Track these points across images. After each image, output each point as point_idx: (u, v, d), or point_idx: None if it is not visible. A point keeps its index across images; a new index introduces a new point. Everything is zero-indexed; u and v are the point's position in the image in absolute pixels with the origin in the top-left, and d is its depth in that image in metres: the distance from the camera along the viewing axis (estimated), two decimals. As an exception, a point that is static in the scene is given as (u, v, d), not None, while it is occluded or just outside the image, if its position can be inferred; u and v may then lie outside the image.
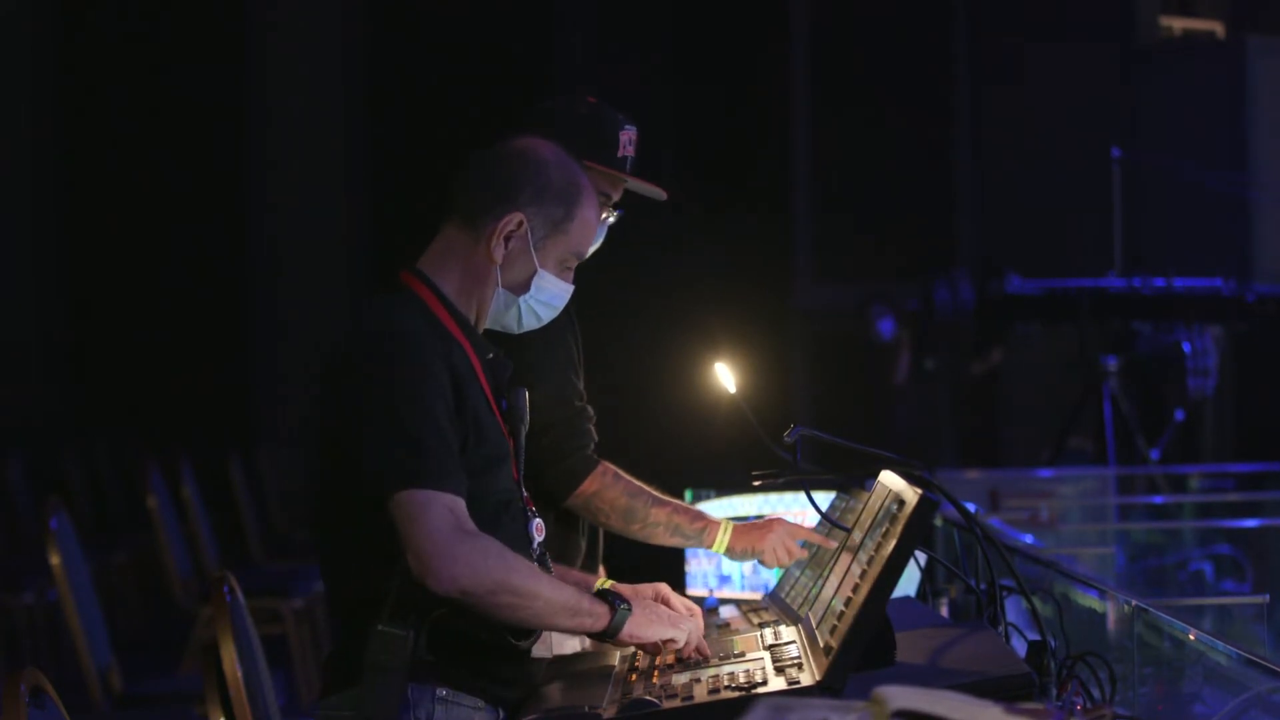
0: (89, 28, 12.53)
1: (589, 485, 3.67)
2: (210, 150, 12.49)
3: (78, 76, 12.54)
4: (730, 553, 3.69)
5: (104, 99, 12.46)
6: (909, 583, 3.65)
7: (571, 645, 3.59)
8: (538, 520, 3.22)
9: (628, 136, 3.65)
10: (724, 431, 4.35)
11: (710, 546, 3.70)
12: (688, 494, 4.50)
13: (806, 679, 2.73)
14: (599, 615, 3.04)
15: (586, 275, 3.34)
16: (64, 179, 12.62)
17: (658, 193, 3.70)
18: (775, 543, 3.62)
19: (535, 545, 3.19)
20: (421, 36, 12.02)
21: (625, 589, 3.23)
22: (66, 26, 12.59)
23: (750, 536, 3.66)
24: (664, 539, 3.73)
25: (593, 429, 3.72)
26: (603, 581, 3.37)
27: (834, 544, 3.35)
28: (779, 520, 3.66)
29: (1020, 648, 3.02)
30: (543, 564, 3.19)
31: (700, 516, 3.72)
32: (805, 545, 3.64)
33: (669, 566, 4.38)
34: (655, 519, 3.70)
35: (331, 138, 12.58)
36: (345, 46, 12.56)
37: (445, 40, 11.88)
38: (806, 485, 3.45)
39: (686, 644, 3.10)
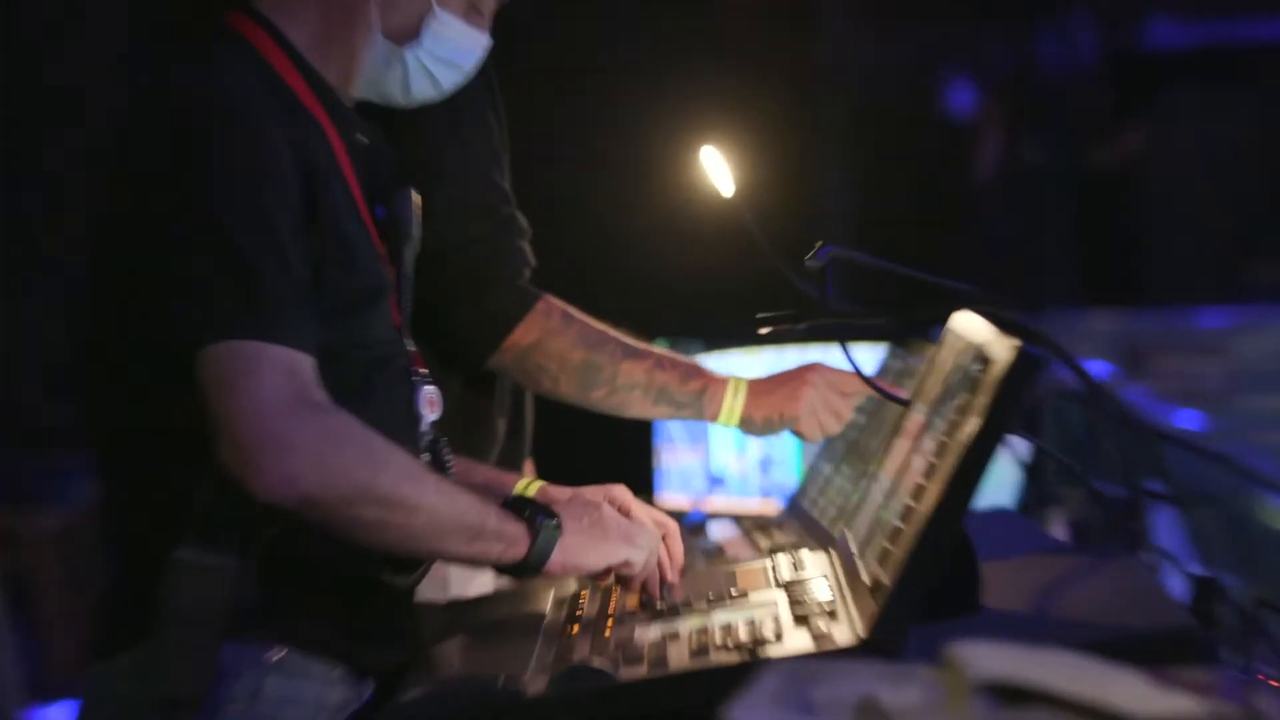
0: None
1: (525, 332, 3.66)
2: None
3: None
4: (747, 424, 3.66)
5: None
6: (1006, 487, 3.65)
7: (481, 583, 3.57)
8: (429, 388, 3.21)
9: None
10: (716, 256, 4.31)
11: (715, 418, 3.67)
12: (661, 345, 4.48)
13: (843, 634, 2.71)
14: (513, 536, 2.98)
15: (510, 22, 3.28)
16: None
17: None
18: (815, 401, 3.58)
19: (424, 426, 3.18)
20: None
21: (560, 493, 3.18)
22: None
23: (776, 396, 3.63)
24: (642, 408, 3.71)
25: (527, 248, 3.69)
26: (527, 483, 3.33)
27: (904, 395, 3.28)
28: (817, 366, 3.61)
29: (1178, 587, 3.01)
30: (435, 456, 3.18)
31: (697, 372, 3.70)
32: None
33: (631, 460, 4.35)
34: (628, 378, 3.68)
35: None
36: None
37: None
38: (841, 334, 3.39)
39: (644, 569, 3.05)
